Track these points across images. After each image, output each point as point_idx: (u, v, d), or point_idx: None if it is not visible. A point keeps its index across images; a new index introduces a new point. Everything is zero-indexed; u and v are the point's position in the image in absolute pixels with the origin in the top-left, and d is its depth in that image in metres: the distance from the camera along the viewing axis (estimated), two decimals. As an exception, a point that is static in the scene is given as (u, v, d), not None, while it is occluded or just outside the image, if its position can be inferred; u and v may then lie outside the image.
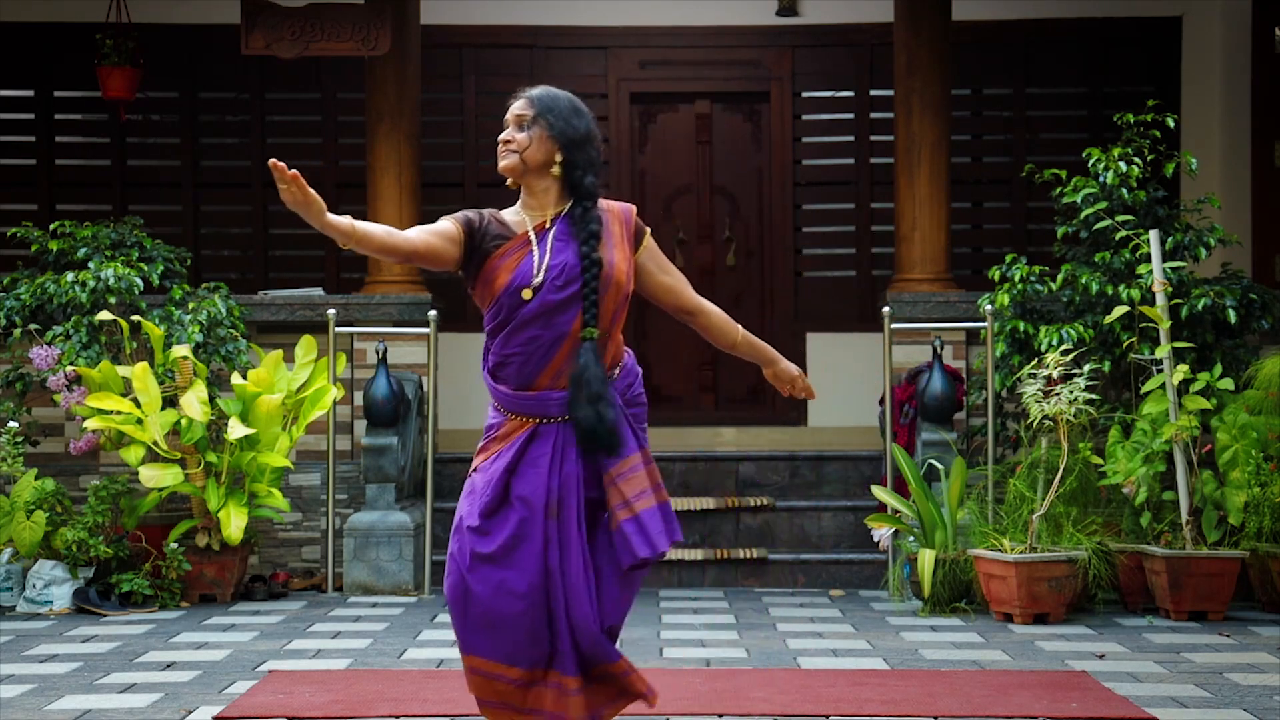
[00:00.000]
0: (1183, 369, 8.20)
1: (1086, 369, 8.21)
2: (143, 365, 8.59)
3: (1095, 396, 8.16)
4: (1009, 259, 9.10)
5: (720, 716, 5.83)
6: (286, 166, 4.19)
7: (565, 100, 4.62)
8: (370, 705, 6.00)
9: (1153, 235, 8.41)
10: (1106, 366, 8.67)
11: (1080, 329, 8.62)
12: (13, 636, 7.74)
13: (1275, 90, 11.45)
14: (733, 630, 7.89)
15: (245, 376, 8.89)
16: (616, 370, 4.57)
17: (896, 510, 8.72)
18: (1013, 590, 7.97)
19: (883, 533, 8.81)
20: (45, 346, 8.83)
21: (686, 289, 4.69)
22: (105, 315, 8.82)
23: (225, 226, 11.97)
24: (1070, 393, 7.98)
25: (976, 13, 11.38)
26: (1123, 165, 8.69)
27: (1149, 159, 8.85)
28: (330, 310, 9.31)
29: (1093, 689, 6.29)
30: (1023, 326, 8.87)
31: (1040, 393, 8.07)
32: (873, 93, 11.84)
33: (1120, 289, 8.51)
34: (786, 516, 9.81)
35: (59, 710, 5.96)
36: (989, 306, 8.97)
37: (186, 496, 9.01)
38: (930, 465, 8.92)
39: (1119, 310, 8.33)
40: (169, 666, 6.88)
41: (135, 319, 8.90)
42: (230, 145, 11.97)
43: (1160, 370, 8.32)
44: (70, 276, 8.93)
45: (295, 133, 11.99)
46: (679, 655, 7.15)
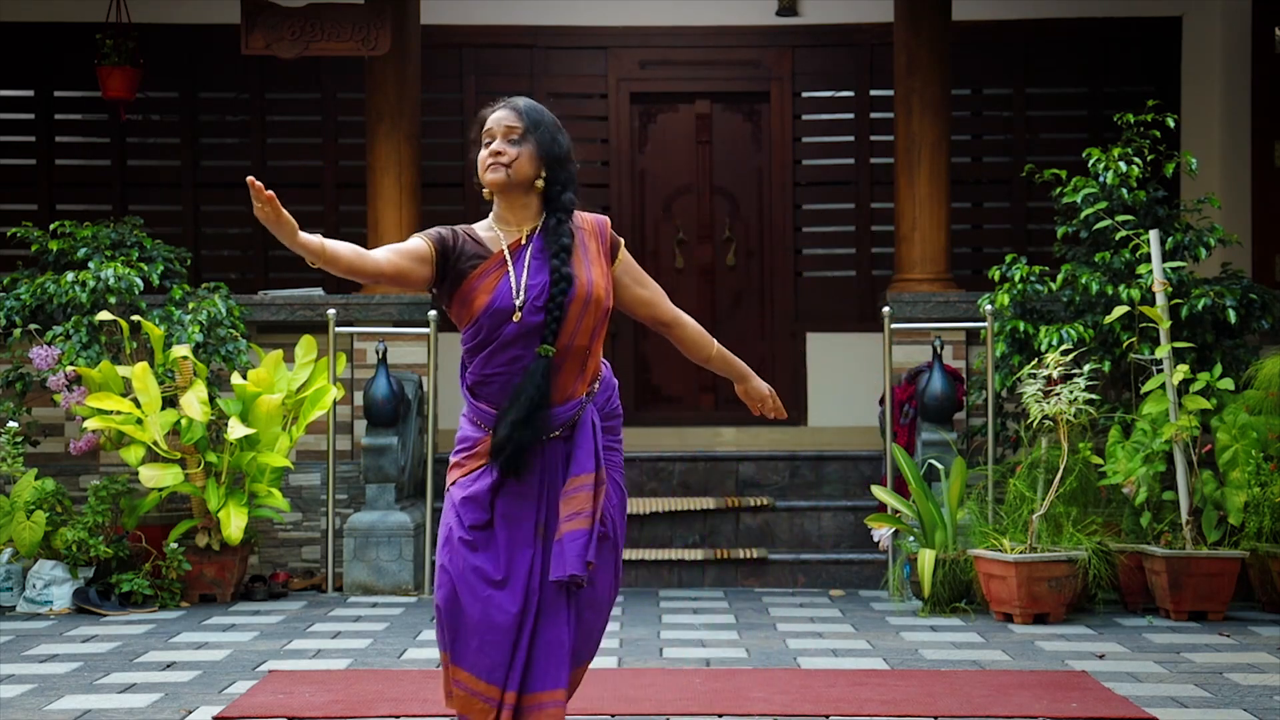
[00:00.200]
0: (1183, 369, 8.20)
1: (1086, 369, 8.21)
2: (143, 365, 8.59)
3: (1095, 396, 8.16)
4: (1009, 259, 9.10)
5: (720, 716, 5.83)
6: (264, 186, 4.21)
7: (549, 116, 4.54)
8: (370, 705, 6.01)
9: (1153, 235, 8.41)
10: (1106, 366, 8.67)
11: (1080, 329, 8.62)
12: (13, 636, 7.74)
13: (1275, 90, 11.45)
14: (733, 630, 7.89)
15: (245, 376, 8.89)
16: (596, 385, 4.54)
17: (896, 510, 8.72)
18: (1013, 590, 7.97)
19: (883, 533, 8.81)
20: (45, 346, 8.83)
21: (663, 301, 4.64)
22: (105, 315, 8.82)
23: (225, 226, 11.97)
24: (1070, 393, 7.97)
25: (976, 13, 11.38)
26: (1123, 165, 8.69)
27: (1149, 159, 8.85)
28: (330, 310, 9.31)
29: (1093, 689, 6.28)
30: (1023, 326, 8.87)
31: (1040, 393, 8.06)
32: (873, 93, 11.84)
33: (1120, 289, 8.51)
34: (786, 516, 9.81)
35: (59, 710, 5.96)
36: (989, 306, 8.97)
37: (186, 496, 9.01)
38: (930, 465, 8.92)
39: (1119, 310, 8.33)
40: (169, 666, 6.88)
41: (135, 319, 8.90)
42: (230, 145, 11.97)
43: (1160, 370, 8.32)
44: (70, 276, 8.93)
45: (295, 133, 12.00)
46: (679, 655, 7.15)
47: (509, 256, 4.44)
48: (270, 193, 4.20)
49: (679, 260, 11.77)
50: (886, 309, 9.32)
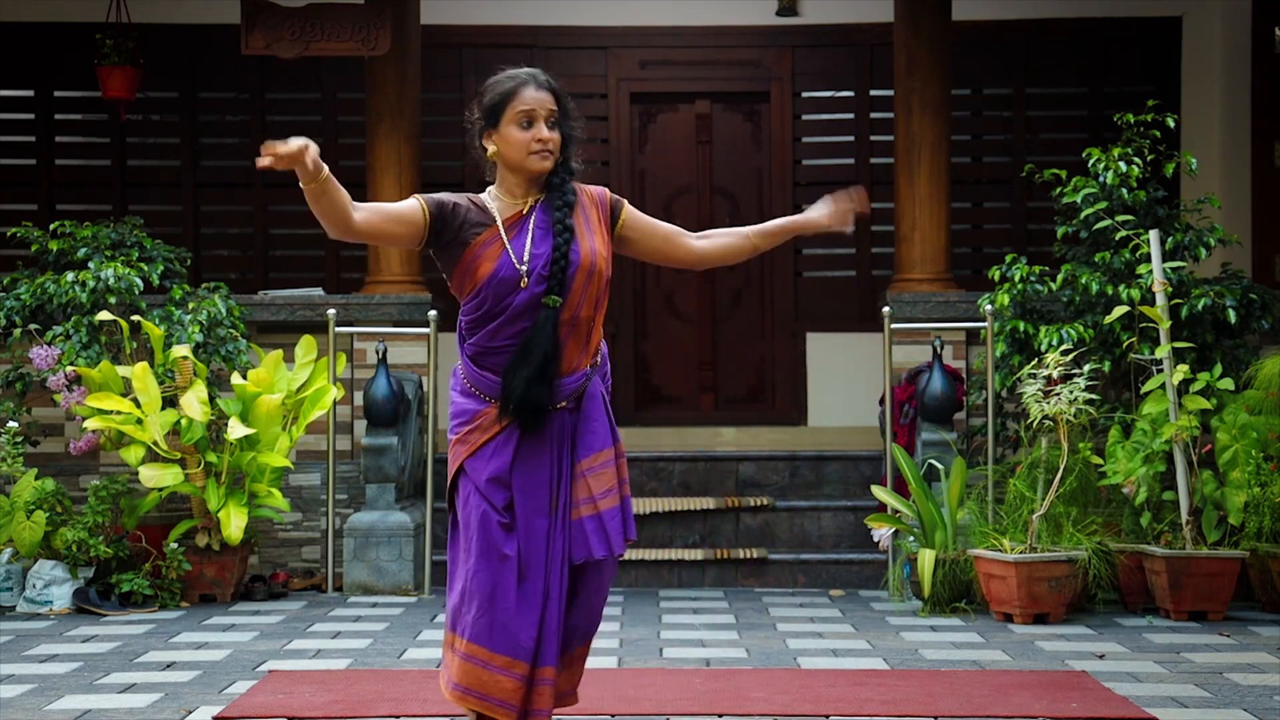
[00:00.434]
0: (1183, 369, 8.20)
1: (1086, 369, 8.21)
2: (143, 365, 8.59)
3: (1095, 396, 8.16)
4: (1009, 259, 9.10)
5: (720, 716, 5.83)
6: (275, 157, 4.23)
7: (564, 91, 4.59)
8: (370, 705, 6.00)
9: (1153, 235, 8.41)
10: (1106, 366, 8.67)
11: (1080, 329, 8.62)
12: (13, 636, 7.74)
13: (1275, 90, 11.45)
14: (733, 630, 7.89)
15: (245, 376, 8.89)
16: (599, 358, 4.55)
17: (896, 510, 8.72)
18: (1013, 590, 7.97)
19: (883, 533, 8.81)
20: (45, 346, 8.83)
21: (681, 239, 4.64)
22: (105, 315, 8.82)
23: (225, 226, 11.97)
24: (1070, 393, 7.97)
25: (976, 13, 11.38)
26: (1123, 165, 8.69)
27: (1149, 159, 8.85)
28: (330, 310, 9.31)
29: (1093, 689, 6.28)
30: (1023, 326, 8.87)
31: (1040, 393, 8.06)
32: (873, 93, 11.84)
33: (1120, 289, 8.51)
34: (786, 516, 9.81)
35: (59, 710, 5.96)
36: (989, 306, 8.97)
37: (186, 496, 9.01)
38: (930, 465, 8.92)
39: (1119, 310, 8.33)
40: (169, 666, 6.88)
41: (135, 319, 8.90)
42: (230, 145, 11.97)
43: (1160, 370, 8.32)
44: (70, 276, 8.93)
45: (295, 133, 11.93)
46: (679, 655, 7.15)
47: (510, 226, 4.44)
48: (266, 160, 4.25)
49: (679, 260, 11.76)
50: (886, 309, 9.32)
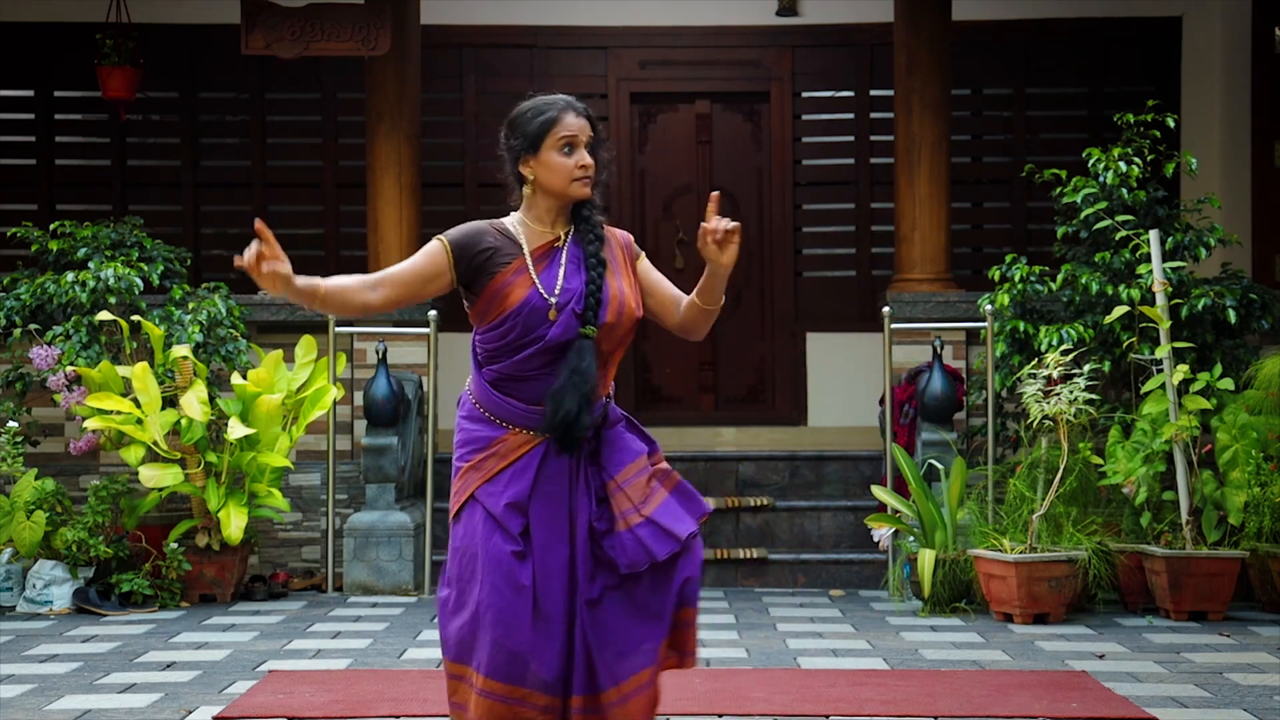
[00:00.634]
0: (1183, 369, 8.20)
1: (1086, 369, 8.21)
2: (143, 365, 8.59)
3: (1095, 396, 8.16)
4: (1009, 259, 9.10)
5: (720, 716, 5.83)
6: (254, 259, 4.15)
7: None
8: (370, 705, 6.00)
9: (1153, 235, 8.41)
10: (1106, 366, 8.67)
11: (1080, 329, 8.62)
12: (13, 636, 7.74)
13: (1275, 90, 11.45)
14: (733, 630, 7.89)
15: (245, 376, 8.89)
16: (613, 387, 4.54)
17: (896, 510, 8.71)
18: (1013, 590, 7.97)
19: (883, 533, 8.81)
20: (45, 346, 8.82)
21: (670, 307, 4.58)
22: (105, 315, 8.82)
23: (225, 226, 11.96)
24: (1070, 393, 7.97)
25: (976, 13, 11.38)
26: (1123, 165, 8.69)
27: (1149, 159, 8.85)
28: (330, 310, 9.30)
29: (1093, 689, 6.28)
30: (1023, 326, 8.87)
31: (1040, 393, 8.06)
32: (873, 93, 11.84)
33: (1120, 289, 8.51)
34: (786, 516, 9.81)
35: (59, 710, 5.96)
36: (989, 306, 8.97)
37: (186, 496, 9.01)
38: (930, 465, 8.92)
39: (1119, 310, 8.33)
40: (169, 666, 6.88)
41: (135, 319, 8.90)
42: (230, 145, 11.97)
43: (1160, 370, 8.32)
44: (70, 276, 8.93)
45: (295, 133, 12.00)
46: (679, 655, 7.14)
47: (540, 258, 4.40)
48: (264, 251, 4.16)
49: (679, 260, 11.76)
50: (886, 309, 9.32)
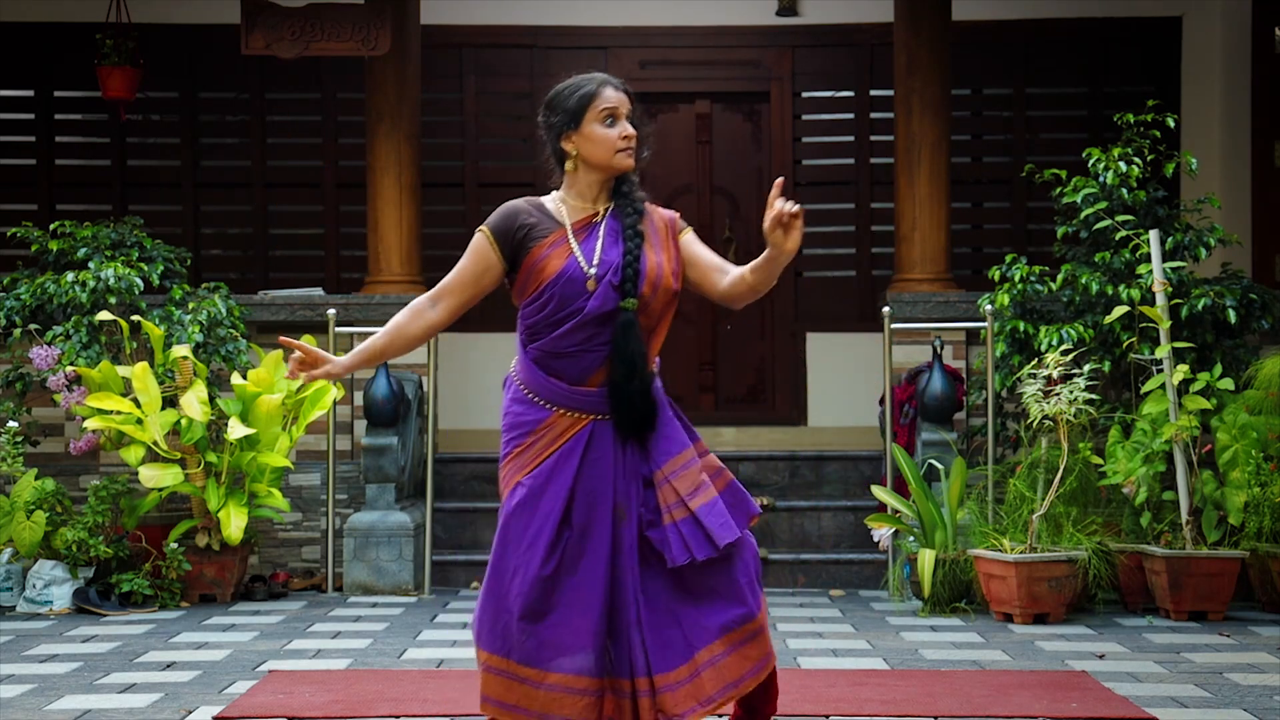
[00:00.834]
0: (1183, 369, 8.20)
1: (1086, 369, 8.21)
2: (143, 365, 8.59)
3: (1095, 396, 8.16)
4: (1009, 259, 9.10)
5: (720, 717, 5.83)
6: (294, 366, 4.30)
7: None
8: (370, 705, 6.01)
9: (1153, 235, 8.41)
10: (1106, 366, 8.67)
11: (1080, 329, 8.63)
12: (13, 636, 7.74)
13: (1275, 90, 11.45)
14: (733, 630, 7.88)
15: (245, 376, 8.89)
16: (655, 371, 4.51)
17: (896, 510, 8.72)
18: (1013, 590, 7.97)
19: (883, 533, 8.81)
20: (45, 346, 8.83)
21: (711, 275, 4.54)
22: (105, 315, 8.82)
23: (225, 226, 11.97)
24: (1070, 393, 7.98)
25: (976, 13, 11.38)
26: (1123, 165, 8.69)
27: (1149, 159, 8.85)
28: (330, 310, 9.32)
29: (1093, 689, 6.29)
30: (1023, 326, 8.87)
31: (1040, 393, 8.07)
32: (873, 93, 11.84)
33: (1120, 289, 8.51)
34: (786, 516, 9.81)
35: (59, 710, 5.96)
36: (989, 306, 8.97)
37: (186, 496, 9.01)
38: (930, 465, 8.92)
39: (1119, 310, 8.33)
40: (169, 666, 6.88)
41: (135, 319, 8.91)
42: (230, 145, 11.97)
43: (1160, 370, 8.32)
44: (70, 276, 8.93)
45: (295, 133, 11.99)
46: (679, 655, 7.15)
47: (579, 230, 4.41)
48: (297, 351, 4.36)
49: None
50: (886, 309, 9.32)
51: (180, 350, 8.68)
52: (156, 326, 8.86)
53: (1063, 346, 8.41)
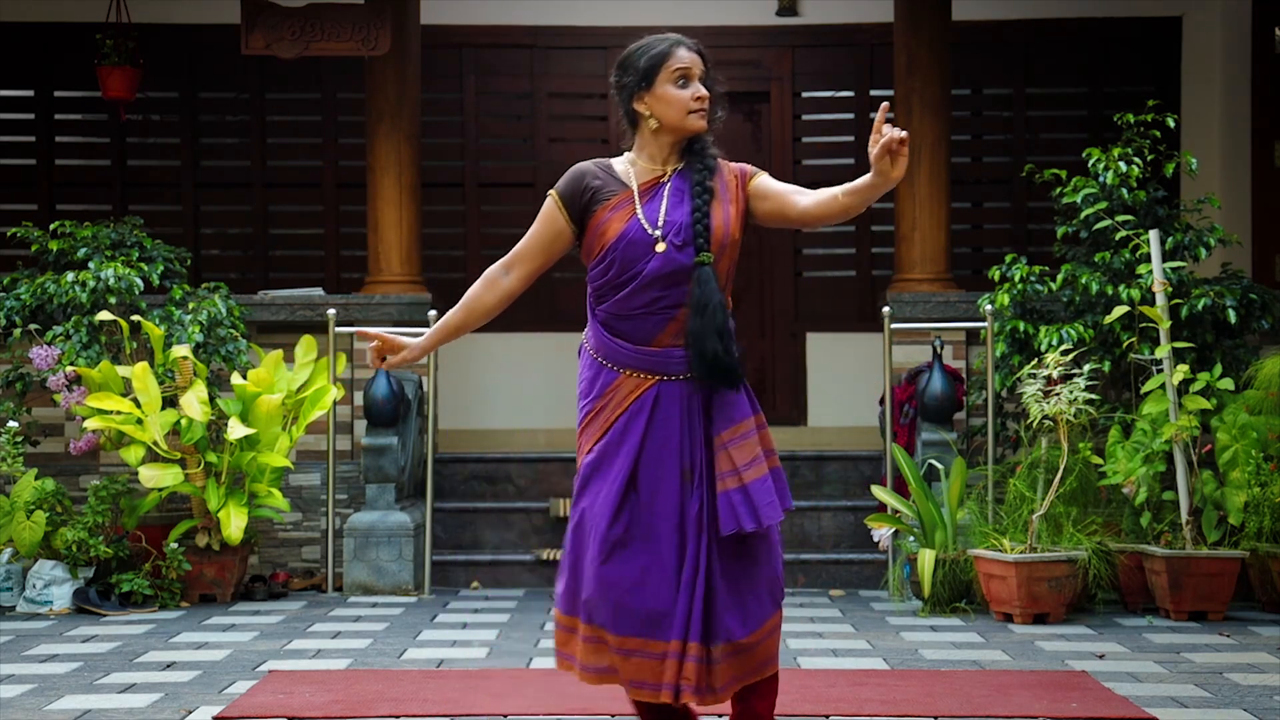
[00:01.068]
0: (1183, 369, 8.20)
1: (1086, 369, 8.21)
2: (143, 365, 8.59)
3: (1095, 396, 8.16)
4: (1009, 259, 9.10)
5: (720, 717, 5.83)
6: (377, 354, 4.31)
7: None
8: (370, 705, 6.00)
9: (1153, 235, 8.41)
10: (1106, 366, 8.67)
11: (1080, 329, 8.63)
12: (13, 636, 7.74)
13: (1275, 90, 11.45)
14: (733, 630, 7.88)
15: (245, 376, 8.89)
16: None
17: (896, 510, 8.71)
18: (1013, 590, 7.97)
19: (883, 533, 8.81)
20: (45, 346, 8.83)
21: (787, 199, 4.49)
22: (105, 315, 8.82)
23: (225, 226, 11.97)
24: (1070, 393, 7.98)
25: (976, 13, 11.38)
26: (1123, 165, 8.69)
27: (1149, 159, 8.85)
28: (330, 310, 9.32)
29: (1093, 689, 6.28)
30: (1023, 326, 8.87)
31: (1040, 393, 8.07)
32: (873, 93, 11.84)
33: (1120, 289, 8.51)
34: (786, 516, 9.77)
35: (59, 710, 5.96)
36: (989, 306, 8.97)
37: (186, 496, 9.01)
38: (930, 465, 8.92)
39: (1119, 310, 8.33)
40: (169, 666, 6.88)
41: (135, 319, 8.90)
42: (230, 145, 11.97)
43: (1160, 370, 8.32)
44: (70, 276, 8.93)
45: (295, 133, 11.99)
46: (679, 655, 7.14)
47: (645, 191, 4.40)
48: (375, 340, 4.39)
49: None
50: (886, 309, 9.32)
51: (180, 350, 8.68)
52: (156, 326, 8.86)
53: (1063, 346, 8.41)
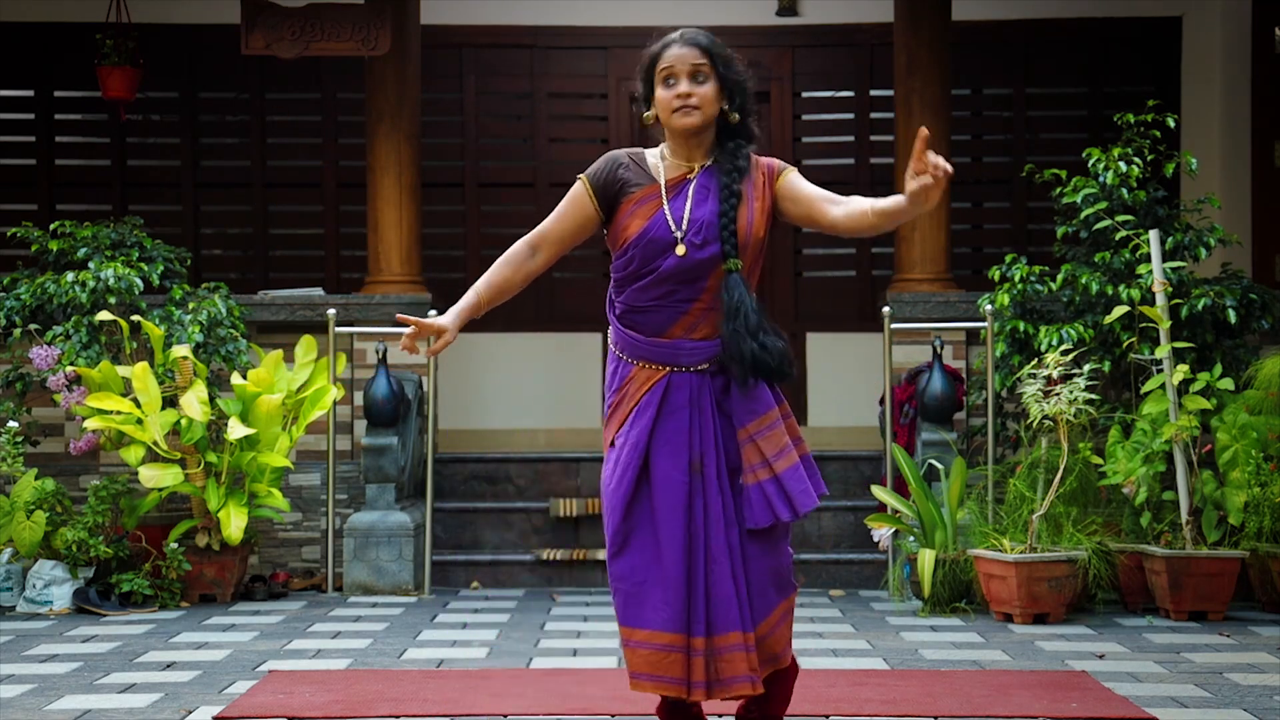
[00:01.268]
0: (1183, 369, 8.20)
1: (1086, 369, 8.21)
2: (143, 365, 8.60)
3: (1095, 396, 8.16)
4: (1009, 259, 9.10)
5: (720, 717, 5.83)
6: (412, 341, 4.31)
7: (722, 45, 4.55)
8: (370, 705, 6.00)
9: (1153, 235, 8.41)
10: (1106, 366, 8.67)
11: (1080, 329, 8.63)
12: (13, 636, 7.74)
13: (1275, 90, 11.45)
14: (733, 630, 7.88)
15: (245, 376, 8.89)
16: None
17: (896, 510, 8.72)
18: (1013, 590, 7.97)
19: (883, 533, 8.81)
20: (45, 346, 8.83)
21: (819, 206, 4.51)
22: (105, 315, 8.82)
23: (225, 226, 11.97)
24: (1070, 393, 7.98)
25: (976, 13, 11.39)
26: (1123, 165, 8.69)
27: (1149, 159, 8.85)
28: (330, 310, 9.32)
29: (1093, 689, 6.28)
30: (1023, 326, 8.88)
31: (1040, 393, 8.07)
32: (873, 93, 11.84)
33: (1120, 289, 8.51)
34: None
35: (59, 710, 5.96)
36: (989, 306, 8.97)
37: (186, 496, 9.01)
38: (930, 465, 8.92)
39: (1119, 310, 8.33)
40: (169, 666, 6.88)
41: (135, 319, 8.91)
42: (230, 145, 11.97)
43: (1160, 370, 8.32)
44: (70, 276, 8.93)
45: (295, 133, 11.99)
46: (679, 655, 7.14)
47: (672, 188, 4.38)
48: (413, 327, 4.33)
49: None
50: (886, 309, 9.32)
51: (180, 350, 8.68)
52: (156, 326, 8.86)
53: (1063, 346, 8.41)
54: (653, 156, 4.48)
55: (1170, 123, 8.91)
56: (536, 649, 7.34)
